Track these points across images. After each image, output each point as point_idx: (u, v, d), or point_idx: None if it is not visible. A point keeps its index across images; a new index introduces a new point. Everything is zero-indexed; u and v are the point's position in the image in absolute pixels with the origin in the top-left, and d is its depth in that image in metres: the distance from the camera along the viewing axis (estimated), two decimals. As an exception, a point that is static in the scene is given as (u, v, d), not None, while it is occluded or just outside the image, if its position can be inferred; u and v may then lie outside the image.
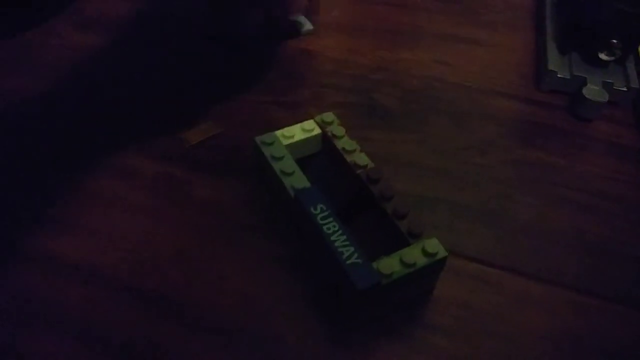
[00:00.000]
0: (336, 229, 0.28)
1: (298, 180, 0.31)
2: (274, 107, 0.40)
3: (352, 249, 0.27)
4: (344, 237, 0.28)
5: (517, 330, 0.29)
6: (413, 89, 0.42)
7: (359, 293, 0.26)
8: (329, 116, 0.34)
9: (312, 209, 0.29)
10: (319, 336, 0.28)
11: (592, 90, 0.40)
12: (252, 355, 0.27)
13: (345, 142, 0.33)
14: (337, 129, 0.33)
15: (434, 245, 0.28)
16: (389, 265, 0.27)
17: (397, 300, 0.29)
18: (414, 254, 0.27)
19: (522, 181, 0.36)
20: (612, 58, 0.41)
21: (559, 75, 0.42)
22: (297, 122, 0.34)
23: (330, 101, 0.40)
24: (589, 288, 0.31)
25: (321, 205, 0.29)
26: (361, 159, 0.32)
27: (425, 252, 0.27)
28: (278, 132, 0.33)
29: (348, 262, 0.27)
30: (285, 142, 0.33)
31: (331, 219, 0.28)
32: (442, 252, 0.28)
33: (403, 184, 0.35)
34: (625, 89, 0.41)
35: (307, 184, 0.30)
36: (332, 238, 0.28)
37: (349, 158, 0.32)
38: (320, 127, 0.34)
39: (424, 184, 0.36)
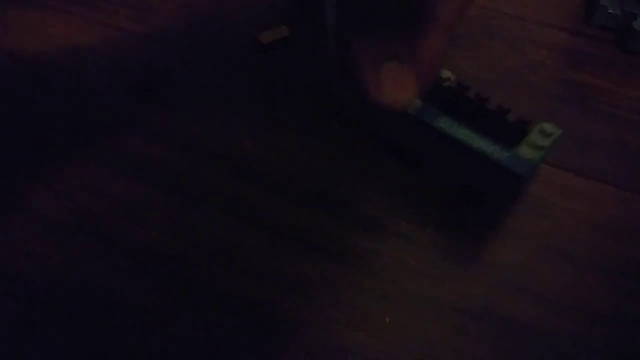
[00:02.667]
0: (467, 133, 0.29)
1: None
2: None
3: (492, 145, 0.28)
4: (477, 137, 0.28)
5: (562, 215, 0.32)
6: (469, 15, 0.45)
7: (523, 180, 0.27)
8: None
9: (435, 124, 0.29)
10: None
11: (642, 23, 0.42)
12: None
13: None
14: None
15: (548, 126, 0.29)
16: (525, 152, 0.28)
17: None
18: (537, 138, 0.29)
19: (569, 97, 0.39)
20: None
21: (609, 11, 0.44)
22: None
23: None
24: (630, 186, 0.34)
25: (442, 118, 0.29)
26: (443, 72, 0.33)
27: (544, 134, 0.29)
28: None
29: (497, 156, 0.28)
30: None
31: (457, 126, 0.29)
32: (557, 131, 0.29)
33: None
34: (675, 25, 0.43)
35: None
36: (469, 142, 0.28)
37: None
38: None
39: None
